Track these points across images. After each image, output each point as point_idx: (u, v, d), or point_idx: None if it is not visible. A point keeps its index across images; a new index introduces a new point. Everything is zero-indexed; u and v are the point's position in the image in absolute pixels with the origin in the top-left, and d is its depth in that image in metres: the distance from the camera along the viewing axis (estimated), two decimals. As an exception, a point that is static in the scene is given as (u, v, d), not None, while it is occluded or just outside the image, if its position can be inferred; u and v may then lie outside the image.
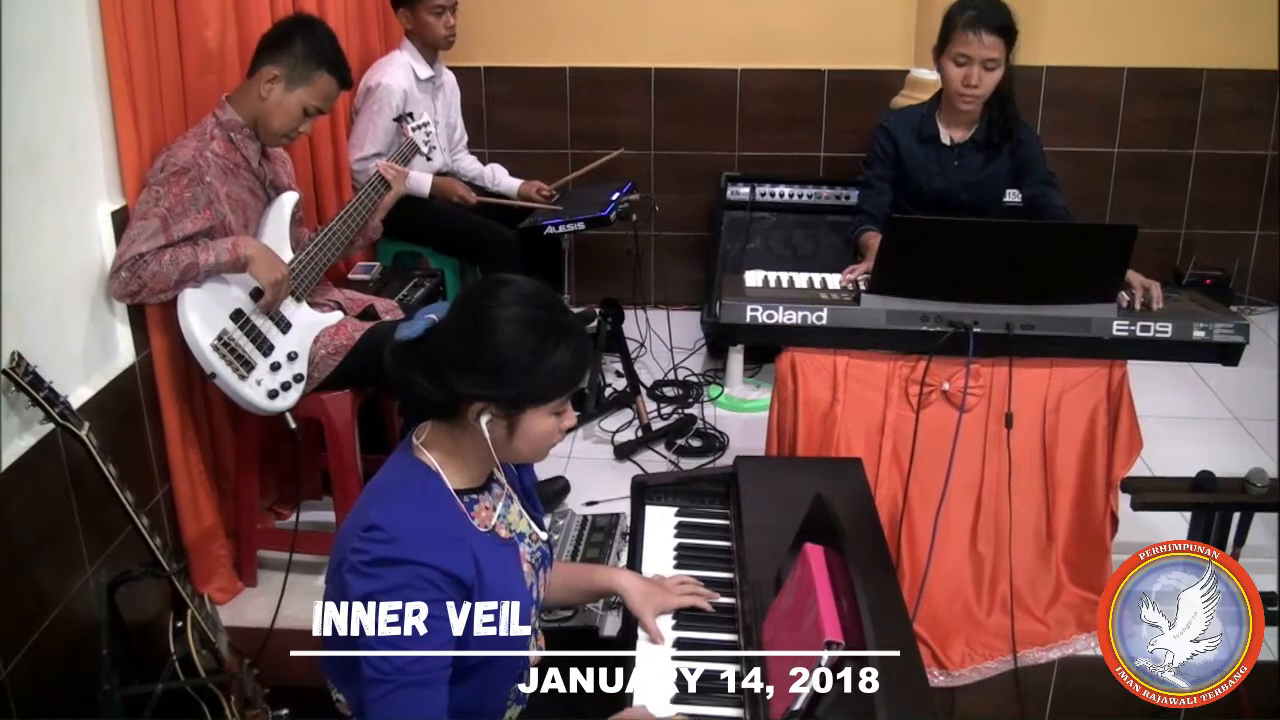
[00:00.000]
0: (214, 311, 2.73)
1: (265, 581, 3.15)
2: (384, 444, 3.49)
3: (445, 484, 1.76)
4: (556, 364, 1.70)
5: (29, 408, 2.27)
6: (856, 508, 2.30)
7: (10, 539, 2.29)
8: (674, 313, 4.71)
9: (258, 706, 2.58)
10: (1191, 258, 5.05)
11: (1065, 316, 2.81)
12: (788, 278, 3.05)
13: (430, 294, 3.68)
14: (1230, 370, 2.99)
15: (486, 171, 4.40)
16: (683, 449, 3.88)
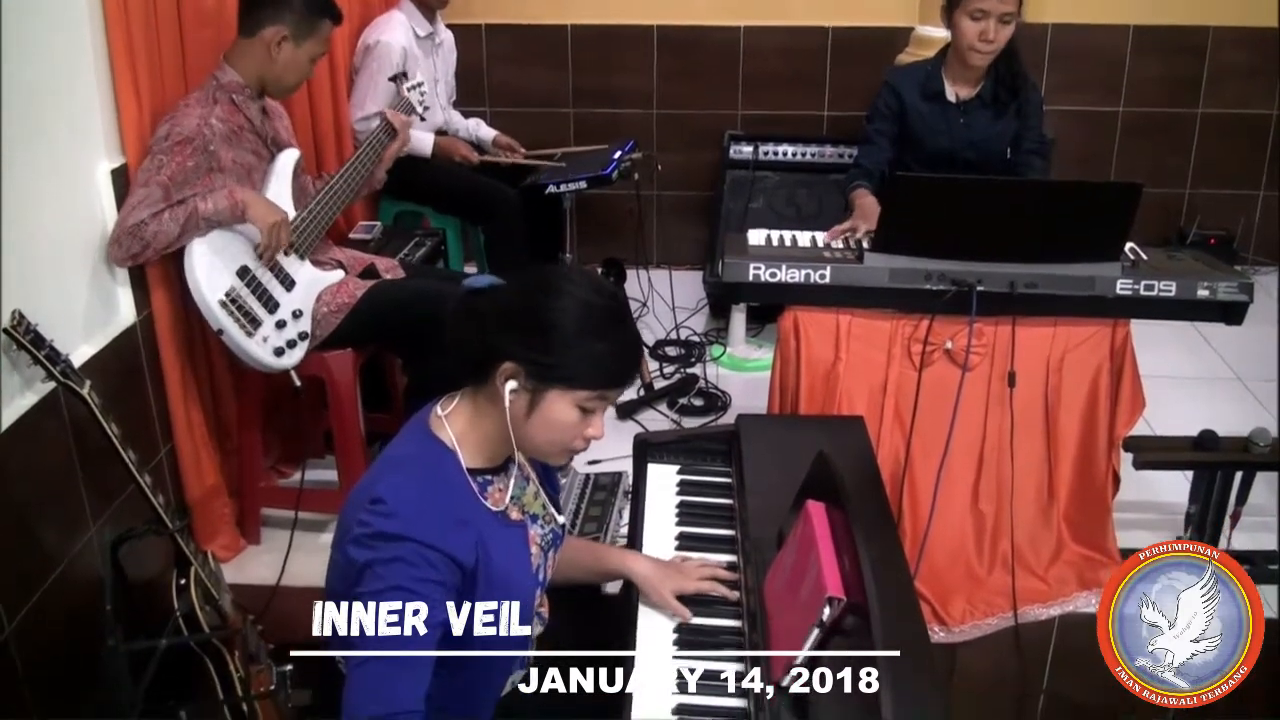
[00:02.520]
0: (221, 268, 2.73)
1: (268, 540, 3.15)
2: (386, 403, 3.49)
3: (460, 462, 1.75)
4: (598, 352, 1.68)
5: (30, 366, 2.27)
6: (858, 466, 2.30)
7: (13, 497, 2.29)
8: (676, 272, 4.71)
9: (262, 662, 2.59)
10: (1195, 218, 5.03)
11: (1069, 275, 2.80)
12: (790, 236, 3.04)
13: (431, 254, 3.67)
14: (1233, 330, 2.99)
15: (470, 124, 4.38)
16: (685, 408, 3.88)
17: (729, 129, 4.75)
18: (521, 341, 1.68)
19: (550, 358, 1.67)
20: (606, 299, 1.72)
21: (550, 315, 1.67)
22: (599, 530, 3.04)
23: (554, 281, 1.71)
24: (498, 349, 1.69)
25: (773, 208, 4.56)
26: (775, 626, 1.82)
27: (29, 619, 2.28)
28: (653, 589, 2.02)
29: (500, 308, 1.71)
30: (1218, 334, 4.31)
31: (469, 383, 1.78)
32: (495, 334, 1.69)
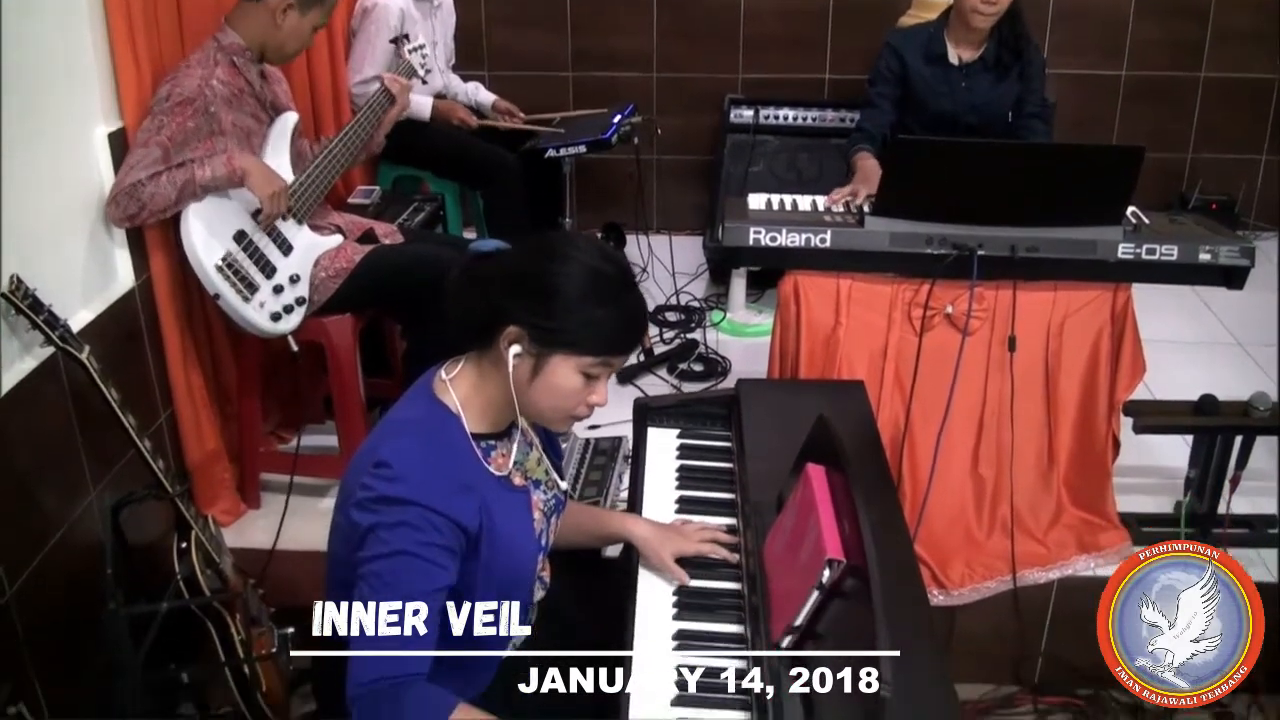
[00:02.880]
0: (218, 233, 2.72)
1: (268, 504, 3.16)
2: (385, 368, 3.49)
3: (464, 427, 1.75)
4: (601, 318, 1.67)
5: (29, 331, 2.26)
6: (858, 430, 2.30)
7: (12, 462, 2.29)
8: (676, 237, 4.68)
9: (263, 625, 2.61)
10: (1197, 182, 5.01)
11: (1070, 239, 2.80)
12: (791, 200, 3.03)
13: (430, 219, 3.66)
14: (1233, 295, 2.99)
15: (469, 88, 4.35)
16: (685, 373, 3.88)
17: (729, 92, 4.71)
18: (526, 306, 1.67)
19: (554, 322, 1.66)
20: (613, 265, 1.71)
21: (556, 280, 1.67)
22: (599, 494, 3.05)
23: (560, 247, 1.71)
24: (502, 313, 1.68)
25: (773, 172, 4.53)
26: (775, 589, 1.82)
27: (29, 583, 2.29)
28: (653, 551, 2.02)
29: (506, 272, 1.70)
30: (1218, 299, 4.31)
31: (473, 347, 1.77)
32: (500, 298, 1.69)
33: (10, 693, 2.00)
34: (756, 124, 4.54)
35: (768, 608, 1.80)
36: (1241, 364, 4.00)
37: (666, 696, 1.70)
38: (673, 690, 1.72)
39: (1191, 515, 3.02)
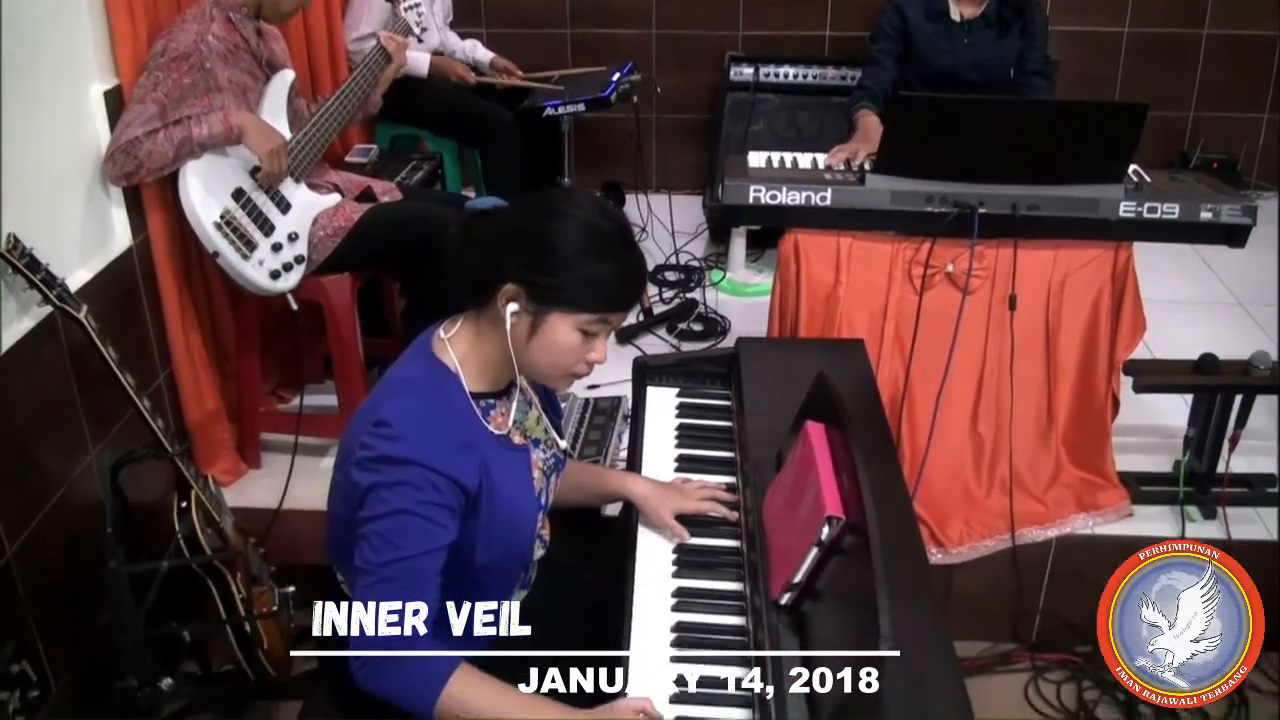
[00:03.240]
0: (216, 190, 2.71)
1: (269, 464, 3.16)
2: (384, 327, 3.48)
3: (463, 386, 1.74)
4: (600, 273, 1.66)
5: (26, 290, 2.26)
6: (858, 388, 2.30)
7: (11, 422, 2.29)
8: (675, 197, 4.67)
9: (264, 584, 2.62)
10: (1199, 141, 4.98)
11: (1072, 197, 2.79)
12: (791, 158, 3.01)
13: (429, 177, 3.64)
14: (1234, 254, 2.98)
15: (467, 45, 4.32)
16: (684, 333, 3.87)
17: (729, 50, 4.68)
18: (523, 263, 1.66)
19: (552, 279, 1.65)
20: (611, 222, 1.70)
21: (553, 237, 1.65)
22: (598, 454, 3.05)
23: (558, 204, 1.69)
24: (499, 270, 1.67)
25: (773, 130, 4.51)
26: (774, 546, 1.82)
27: (30, 542, 2.29)
28: (652, 510, 2.03)
29: (503, 229, 1.69)
30: (1218, 258, 4.29)
31: (471, 305, 1.76)
32: (497, 255, 1.68)
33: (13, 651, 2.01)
34: (757, 82, 4.51)
35: (767, 565, 1.80)
36: (1242, 323, 3.99)
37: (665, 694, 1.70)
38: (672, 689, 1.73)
39: (1190, 474, 3.02)
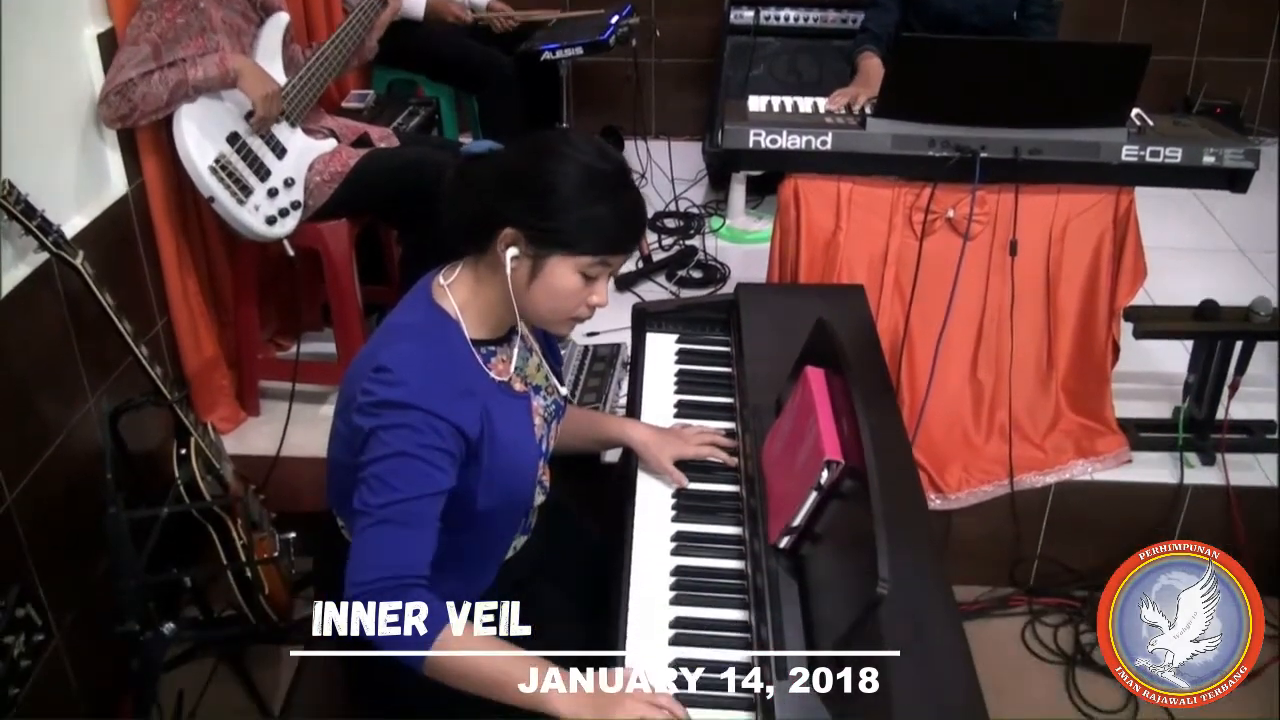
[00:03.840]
0: (211, 134, 2.68)
1: (268, 411, 3.16)
2: (382, 275, 3.47)
3: (463, 332, 1.73)
4: (598, 215, 1.64)
5: (22, 237, 2.24)
6: (858, 334, 2.30)
7: (10, 368, 2.28)
8: (675, 143, 4.64)
9: (264, 530, 2.63)
10: (1202, 86, 4.94)
11: (1074, 141, 2.77)
12: (792, 102, 2.99)
13: (426, 123, 3.61)
14: (1235, 201, 2.97)
15: None
16: (684, 280, 3.86)
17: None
18: (522, 206, 1.64)
19: (551, 222, 1.64)
20: (609, 162, 1.68)
21: (551, 179, 1.64)
22: (598, 400, 3.05)
23: (555, 145, 1.67)
24: (498, 215, 1.66)
25: (774, 75, 4.46)
26: (773, 491, 1.83)
27: (30, 488, 2.29)
28: (652, 456, 2.03)
29: (500, 172, 1.68)
30: (1220, 204, 4.29)
31: (470, 251, 1.75)
32: (495, 199, 1.66)
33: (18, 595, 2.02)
34: (757, 25, 4.45)
35: (765, 509, 1.81)
36: (1243, 270, 3.98)
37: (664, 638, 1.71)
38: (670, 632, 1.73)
39: (1190, 421, 3.03)
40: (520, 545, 1.92)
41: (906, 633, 1.61)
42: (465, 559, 1.79)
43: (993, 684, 1.70)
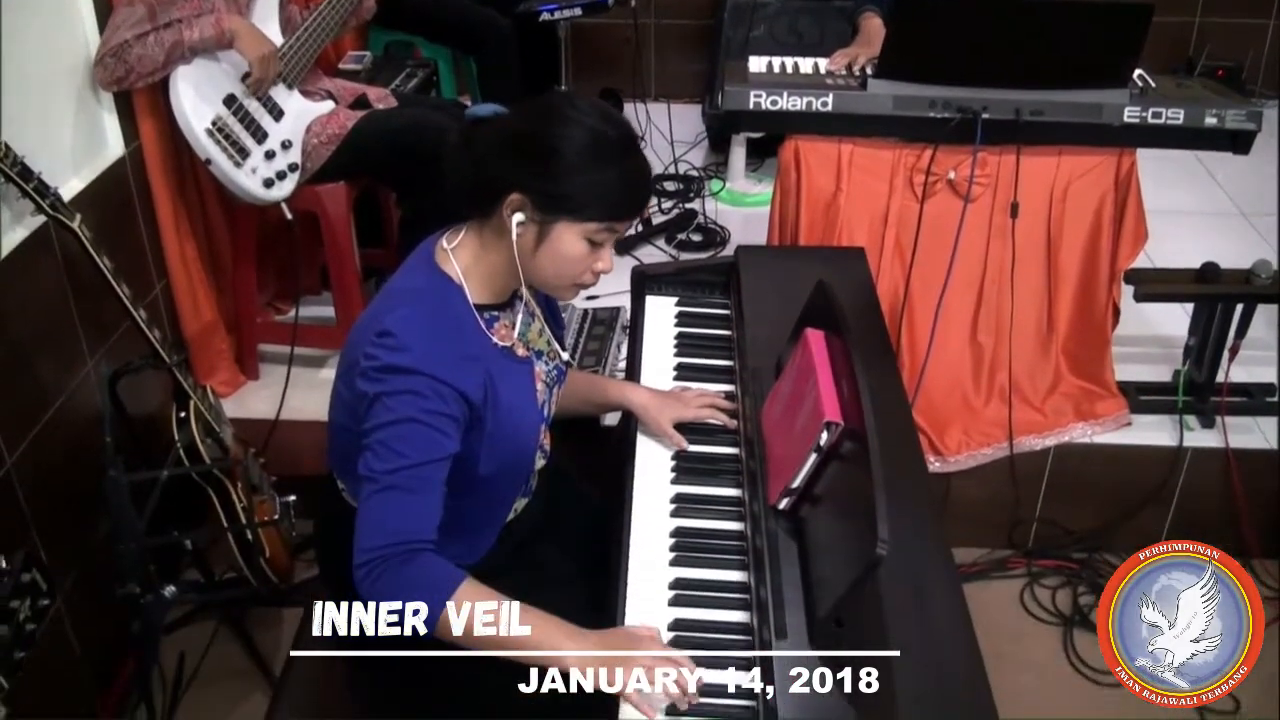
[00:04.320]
0: (207, 96, 2.67)
1: (267, 375, 3.16)
2: (381, 238, 3.46)
3: (467, 297, 1.72)
4: (604, 179, 1.63)
5: (19, 199, 2.23)
6: (858, 297, 2.29)
7: (9, 331, 2.28)
8: (674, 105, 4.60)
9: (265, 494, 2.63)
10: (1204, 47, 4.90)
11: (1076, 102, 2.75)
12: (792, 63, 2.96)
13: (423, 84, 3.59)
14: (1236, 164, 2.95)
15: None
16: (683, 243, 3.85)
17: (729, -49, 4.58)
18: (528, 171, 1.63)
19: (558, 187, 1.63)
20: (615, 127, 1.67)
21: (558, 143, 1.62)
22: (597, 364, 3.05)
23: (562, 109, 1.66)
24: (504, 180, 1.65)
25: (774, 36, 4.41)
26: (773, 453, 1.83)
27: (30, 452, 2.29)
28: (651, 418, 2.03)
29: (505, 136, 1.66)
30: (1221, 167, 4.26)
31: (474, 215, 1.74)
32: (501, 164, 1.65)
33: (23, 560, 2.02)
34: (758, -16, 4.42)
35: (765, 471, 1.81)
36: (1244, 233, 3.96)
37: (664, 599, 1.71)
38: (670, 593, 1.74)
39: (1190, 384, 3.03)
40: (521, 508, 1.92)
41: (906, 594, 1.61)
42: (467, 522, 1.80)
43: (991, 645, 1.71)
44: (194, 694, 2.65)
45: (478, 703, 1.72)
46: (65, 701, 2.46)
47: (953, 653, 1.57)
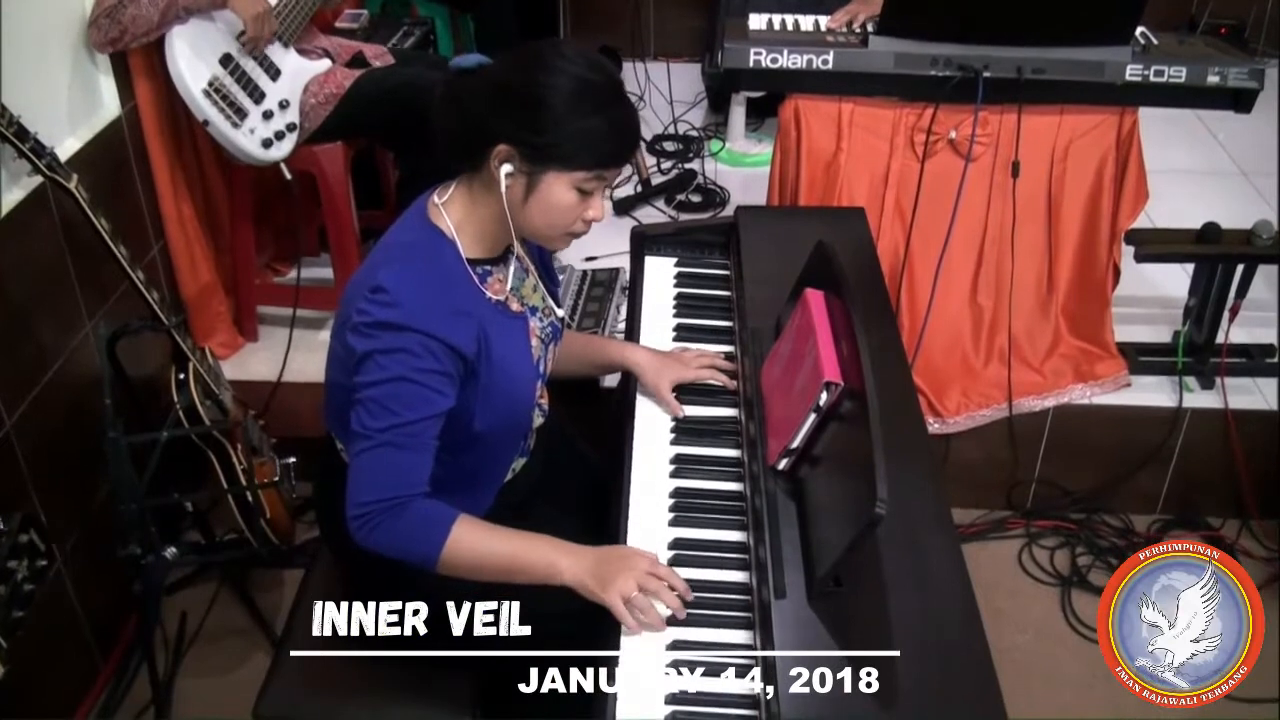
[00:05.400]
0: (203, 56, 2.64)
1: (266, 337, 3.16)
2: (379, 200, 3.45)
3: (460, 252, 1.72)
4: (592, 128, 1.62)
5: (15, 160, 2.22)
6: (858, 257, 2.28)
7: (6, 293, 2.27)
8: (674, 65, 4.58)
9: (265, 455, 2.63)
10: (1207, 5, 4.86)
11: (1077, 60, 2.73)
12: (793, 20, 2.94)
13: (420, 42, 3.55)
14: (1238, 124, 2.94)
15: None
16: (683, 204, 3.83)
17: (730, -93, 4.53)
18: (515, 121, 1.62)
19: (545, 137, 1.62)
20: (601, 74, 1.65)
21: (543, 92, 1.61)
22: (597, 325, 3.05)
23: (546, 58, 1.64)
24: (490, 131, 1.64)
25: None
26: (772, 413, 1.83)
27: (29, 413, 2.29)
28: (651, 380, 2.03)
29: (490, 87, 1.65)
30: (1223, 127, 4.24)
31: (463, 169, 1.73)
32: (487, 115, 1.64)
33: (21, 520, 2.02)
34: (759, -60, 4.38)
35: (764, 431, 1.81)
36: (1245, 194, 3.95)
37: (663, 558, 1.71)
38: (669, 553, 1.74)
39: (1189, 344, 3.02)
40: (519, 467, 1.92)
41: (905, 554, 1.62)
42: (465, 481, 1.80)
43: (989, 605, 1.72)
44: (196, 653, 2.67)
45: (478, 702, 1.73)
46: (68, 661, 2.48)
47: (951, 612, 1.58)
